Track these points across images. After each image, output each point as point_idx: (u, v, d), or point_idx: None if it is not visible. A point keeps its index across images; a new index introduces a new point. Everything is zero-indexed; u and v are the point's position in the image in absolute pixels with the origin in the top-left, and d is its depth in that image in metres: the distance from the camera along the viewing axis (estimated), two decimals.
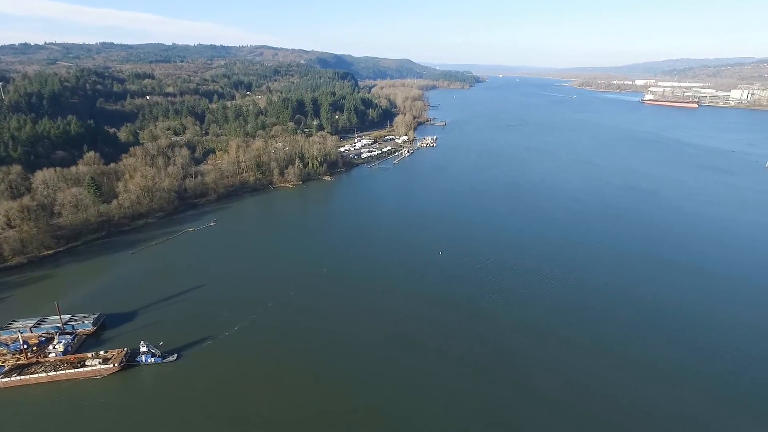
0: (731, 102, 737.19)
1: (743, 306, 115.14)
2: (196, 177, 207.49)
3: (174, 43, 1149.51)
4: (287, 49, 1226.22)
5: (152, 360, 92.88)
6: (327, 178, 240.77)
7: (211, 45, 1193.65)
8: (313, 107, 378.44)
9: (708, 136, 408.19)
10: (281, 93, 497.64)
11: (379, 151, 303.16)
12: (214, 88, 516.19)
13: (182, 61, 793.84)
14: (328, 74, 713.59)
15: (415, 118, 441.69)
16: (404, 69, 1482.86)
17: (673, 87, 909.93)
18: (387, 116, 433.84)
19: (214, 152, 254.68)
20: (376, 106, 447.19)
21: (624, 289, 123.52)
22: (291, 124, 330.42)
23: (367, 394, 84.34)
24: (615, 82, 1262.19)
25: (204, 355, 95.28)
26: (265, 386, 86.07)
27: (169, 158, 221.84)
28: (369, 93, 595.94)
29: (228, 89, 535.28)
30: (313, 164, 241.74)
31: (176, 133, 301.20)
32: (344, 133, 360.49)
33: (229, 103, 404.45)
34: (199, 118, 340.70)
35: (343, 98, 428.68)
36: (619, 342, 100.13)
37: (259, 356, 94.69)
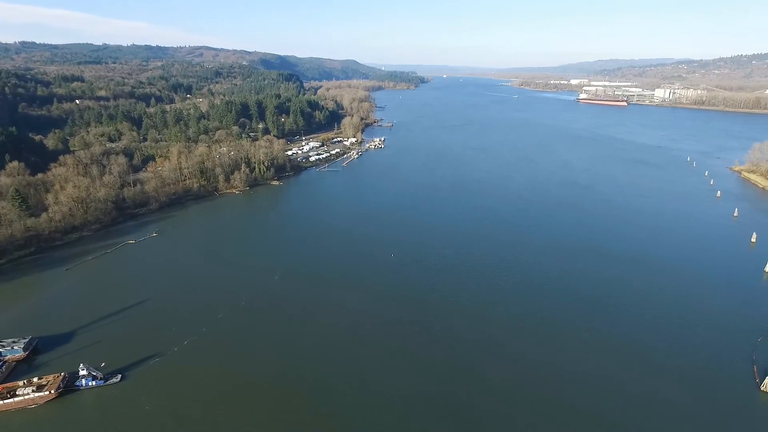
0: (656, 100, 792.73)
1: (671, 286, 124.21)
2: (135, 186, 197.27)
3: (105, 44, 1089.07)
4: (228, 50, 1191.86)
5: (93, 383, 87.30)
6: (275, 182, 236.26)
7: (146, 45, 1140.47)
8: (257, 110, 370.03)
9: (636, 132, 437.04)
10: (224, 96, 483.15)
11: (328, 154, 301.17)
12: (151, 91, 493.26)
13: (115, 63, 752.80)
14: (272, 76, 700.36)
15: (362, 119, 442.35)
16: (350, 70, 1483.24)
17: (605, 86, 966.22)
18: (334, 118, 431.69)
19: (153, 159, 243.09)
20: (323, 108, 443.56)
21: (567, 280, 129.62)
22: (235, 128, 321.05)
23: (326, 399, 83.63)
24: (552, 82, 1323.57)
25: (151, 374, 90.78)
26: (219, 401, 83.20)
27: (104, 166, 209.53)
28: (315, 94, 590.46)
29: (166, 92, 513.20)
30: (260, 169, 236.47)
31: (111, 140, 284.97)
32: (291, 136, 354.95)
33: (168, 107, 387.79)
34: (136, 123, 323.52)
35: (288, 100, 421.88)
36: (565, 327, 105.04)
37: (211, 370, 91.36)
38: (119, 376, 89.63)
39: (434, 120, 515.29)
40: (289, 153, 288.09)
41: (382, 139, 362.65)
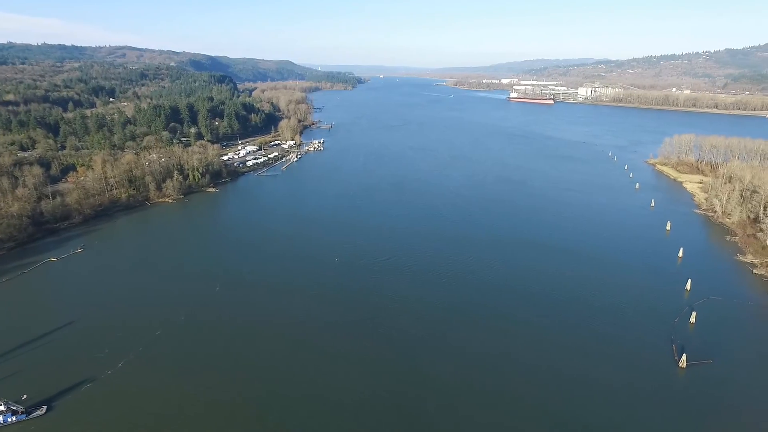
0: (579, 98, 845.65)
1: (599, 273, 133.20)
2: (54, 198, 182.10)
3: (10, 42, 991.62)
4: (154, 50, 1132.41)
5: (13, 419, 79.56)
6: (211, 189, 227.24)
7: (61, 45, 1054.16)
8: (189, 114, 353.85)
9: (563, 129, 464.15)
10: (151, 99, 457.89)
11: (266, 158, 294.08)
12: (69, 95, 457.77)
13: (23, 63, 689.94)
14: (203, 77, 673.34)
15: (300, 121, 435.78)
16: (285, 71, 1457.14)
17: (533, 85, 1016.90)
18: (271, 120, 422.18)
19: (75, 169, 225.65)
20: (259, 110, 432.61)
21: (506, 274, 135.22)
22: (165, 134, 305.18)
23: (275, 410, 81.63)
24: (485, 81, 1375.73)
25: (82, 402, 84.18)
26: (161, 425, 78.82)
27: (16, 178, 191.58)
28: (250, 97, 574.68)
29: (86, 96, 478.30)
30: (194, 176, 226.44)
31: (23, 149, 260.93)
32: (226, 140, 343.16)
33: (88, 112, 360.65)
34: (52, 129, 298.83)
35: (222, 103, 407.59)
36: (505, 320, 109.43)
37: (151, 392, 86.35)
38: (44, 408, 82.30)
39: (373, 120, 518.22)
40: (225, 158, 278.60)
41: (322, 141, 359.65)
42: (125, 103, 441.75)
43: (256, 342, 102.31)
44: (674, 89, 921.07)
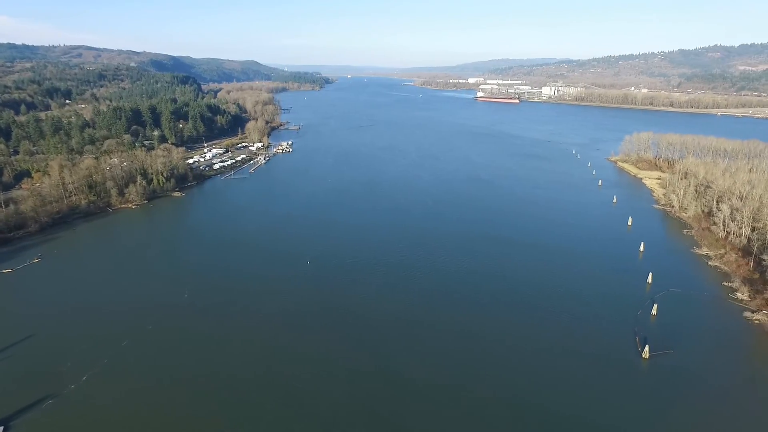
0: (543, 98, 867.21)
1: (566, 269, 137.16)
2: (7, 206, 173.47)
3: None
4: (113, 50, 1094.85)
5: None
6: (176, 194, 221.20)
7: (10, 44, 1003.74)
8: (152, 116, 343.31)
9: (528, 128, 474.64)
10: (111, 101, 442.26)
11: (233, 161, 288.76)
12: (21, 97, 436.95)
13: None
14: (166, 78, 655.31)
15: (268, 123, 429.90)
16: (251, 71, 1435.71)
17: (499, 85, 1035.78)
18: (237, 122, 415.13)
19: (29, 175, 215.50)
20: (225, 112, 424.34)
21: (477, 272, 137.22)
22: (127, 137, 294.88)
23: (248, 420, 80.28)
24: (452, 81, 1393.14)
25: (43, 419, 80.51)
26: None
27: None
28: (215, 98, 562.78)
29: (40, 98, 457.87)
30: (158, 180, 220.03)
31: None
32: (191, 143, 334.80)
33: (43, 115, 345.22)
34: (4, 134, 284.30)
35: (186, 105, 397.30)
36: (477, 318, 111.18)
37: (118, 406, 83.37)
38: (1, 428, 78.68)
39: (341, 121, 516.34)
40: (191, 161, 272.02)
41: (290, 142, 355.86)
42: (83, 106, 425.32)
43: (227, 349, 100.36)
44: (632, 88, 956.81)
